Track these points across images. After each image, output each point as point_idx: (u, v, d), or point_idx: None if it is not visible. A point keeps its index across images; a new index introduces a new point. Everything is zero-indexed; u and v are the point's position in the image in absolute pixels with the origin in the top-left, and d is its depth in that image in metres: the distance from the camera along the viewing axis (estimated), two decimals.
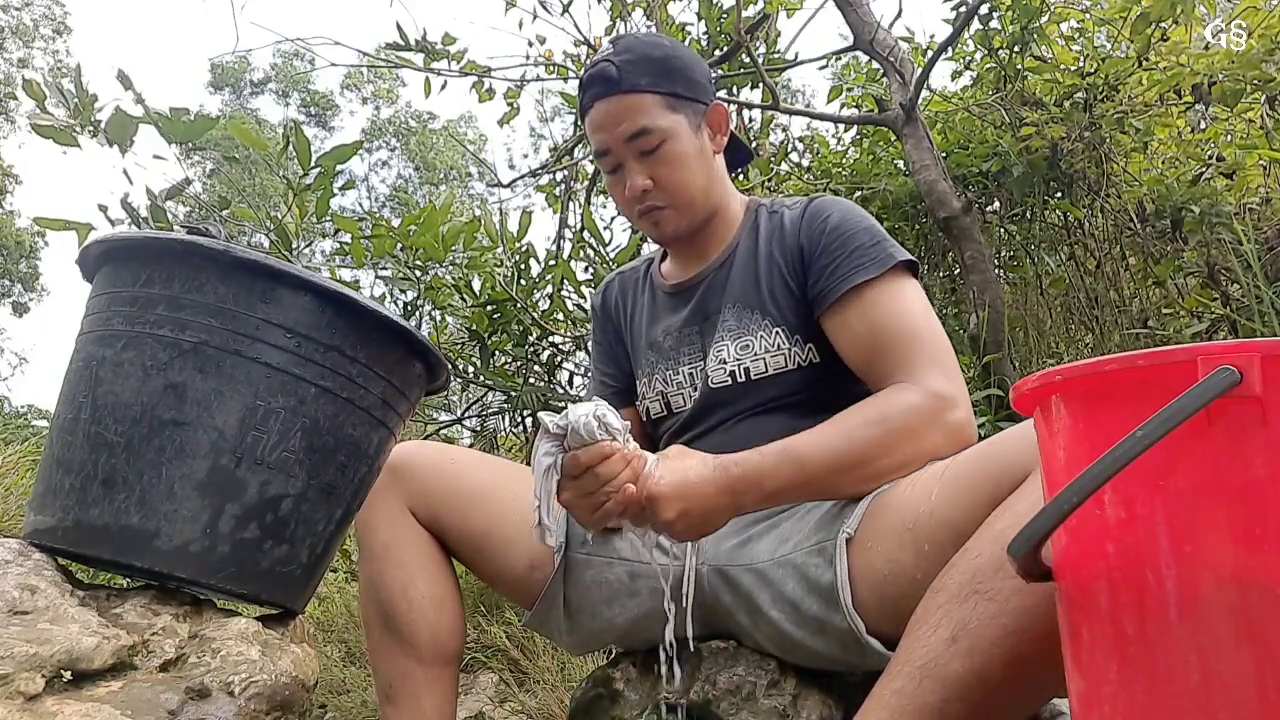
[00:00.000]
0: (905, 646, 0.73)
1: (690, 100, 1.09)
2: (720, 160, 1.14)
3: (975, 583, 0.69)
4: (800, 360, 1.04)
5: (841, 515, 0.93)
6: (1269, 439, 0.42)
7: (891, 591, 0.85)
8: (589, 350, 1.28)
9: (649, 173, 1.07)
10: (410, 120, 20.32)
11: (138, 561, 0.70)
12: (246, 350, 0.73)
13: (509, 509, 1.10)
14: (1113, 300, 2.47)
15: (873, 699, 0.74)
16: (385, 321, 0.79)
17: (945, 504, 0.82)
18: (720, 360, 1.08)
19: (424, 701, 1.08)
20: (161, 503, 0.70)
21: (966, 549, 0.73)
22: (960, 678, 0.68)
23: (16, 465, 2.33)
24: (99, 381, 0.73)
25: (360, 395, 0.79)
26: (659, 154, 1.06)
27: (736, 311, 1.09)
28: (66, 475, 0.72)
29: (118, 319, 0.74)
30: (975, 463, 0.82)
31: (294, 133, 1.71)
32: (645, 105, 1.05)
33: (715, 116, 1.12)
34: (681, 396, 1.13)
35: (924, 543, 0.83)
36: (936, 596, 0.73)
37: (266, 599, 0.77)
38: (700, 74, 1.13)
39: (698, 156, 1.08)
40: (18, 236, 16.51)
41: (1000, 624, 0.66)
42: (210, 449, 0.71)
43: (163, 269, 0.74)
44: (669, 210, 1.09)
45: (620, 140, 1.06)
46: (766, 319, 1.07)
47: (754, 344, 1.06)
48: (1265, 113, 2.28)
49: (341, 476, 0.79)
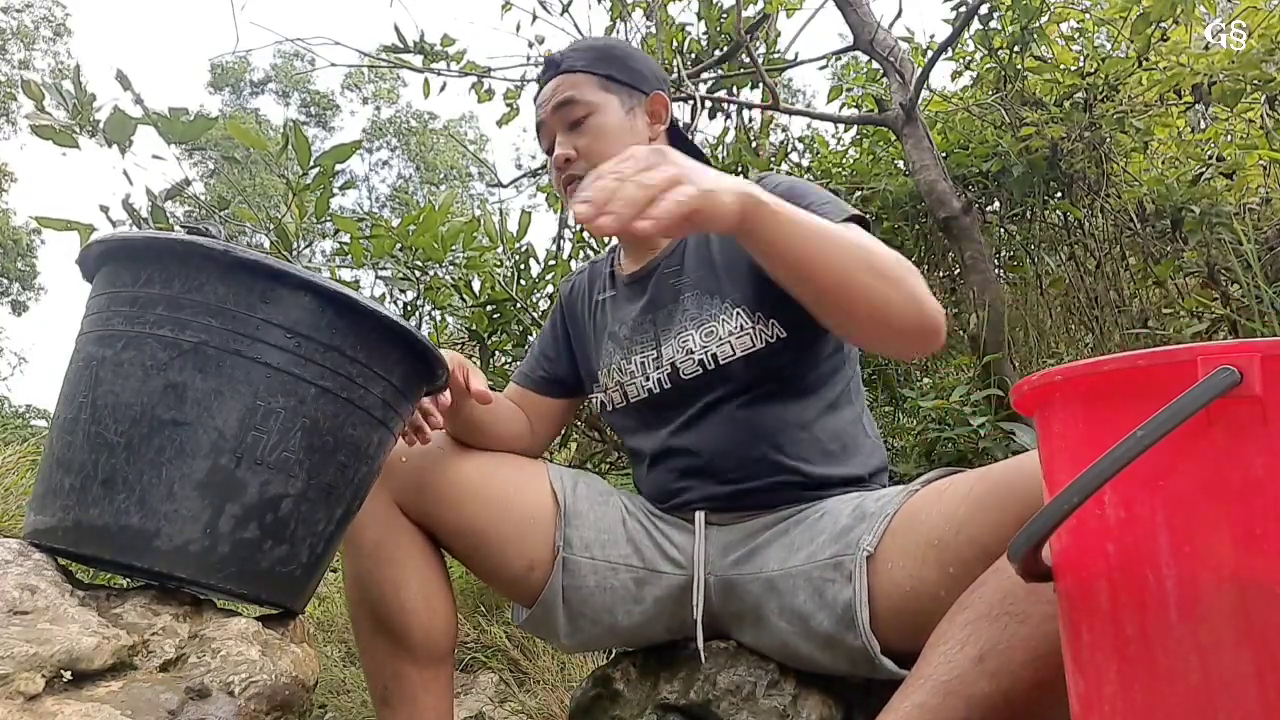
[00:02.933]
0: (929, 660, 0.73)
1: (625, 84, 1.13)
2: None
3: (1007, 604, 0.69)
4: (767, 337, 1.03)
5: (858, 528, 0.92)
6: (1269, 439, 0.42)
7: (912, 608, 0.84)
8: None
9: (573, 143, 1.11)
10: (410, 120, 20.32)
11: (138, 561, 0.69)
12: (246, 350, 0.73)
13: (504, 504, 1.09)
14: (1113, 300, 2.47)
15: (890, 712, 0.73)
16: (385, 322, 0.79)
17: (974, 522, 0.81)
18: (688, 350, 1.07)
19: (421, 703, 1.08)
20: (162, 502, 0.70)
21: (998, 568, 0.72)
22: (987, 697, 0.67)
23: (16, 465, 2.33)
24: (99, 381, 0.73)
25: (360, 395, 0.79)
26: (584, 125, 1.11)
27: (696, 298, 1.09)
28: (66, 475, 0.72)
29: (118, 319, 0.74)
30: (1006, 480, 0.81)
31: (293, 132, 1.71)
32: (577, 81, 1.12)
33: (654, 104, 1.16)
34: (635, 386, 1.12)
35: (950, 561, 0.82)
36: (964, 613, 0.72)
37: (267, 599, 0.77)
38: (643, 66, 1.17)
39: (624, 133, 1.12)
40: (15, 235, 16.51)
41: (1031, 647, 0.66)
42: (210, 449, 0.71)
43: (162, 269, 0.74)
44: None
45: (550, 111, 1.12)
46: (726, 302, 1.06)
47: (718, 329, 1.06)
48: (1265, 113, 2.28)
49: (341, 476, 0.79)
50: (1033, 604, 0.67)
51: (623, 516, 1.11)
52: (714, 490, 1.05)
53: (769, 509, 1.03)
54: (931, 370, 2.62)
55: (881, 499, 0.95)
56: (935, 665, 0.72)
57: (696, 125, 2.84)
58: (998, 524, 0.78)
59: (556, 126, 1.13)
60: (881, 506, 0.93)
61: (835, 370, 1.08)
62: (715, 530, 1.05)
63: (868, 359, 2.69)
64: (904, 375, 2.64)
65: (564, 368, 1.24)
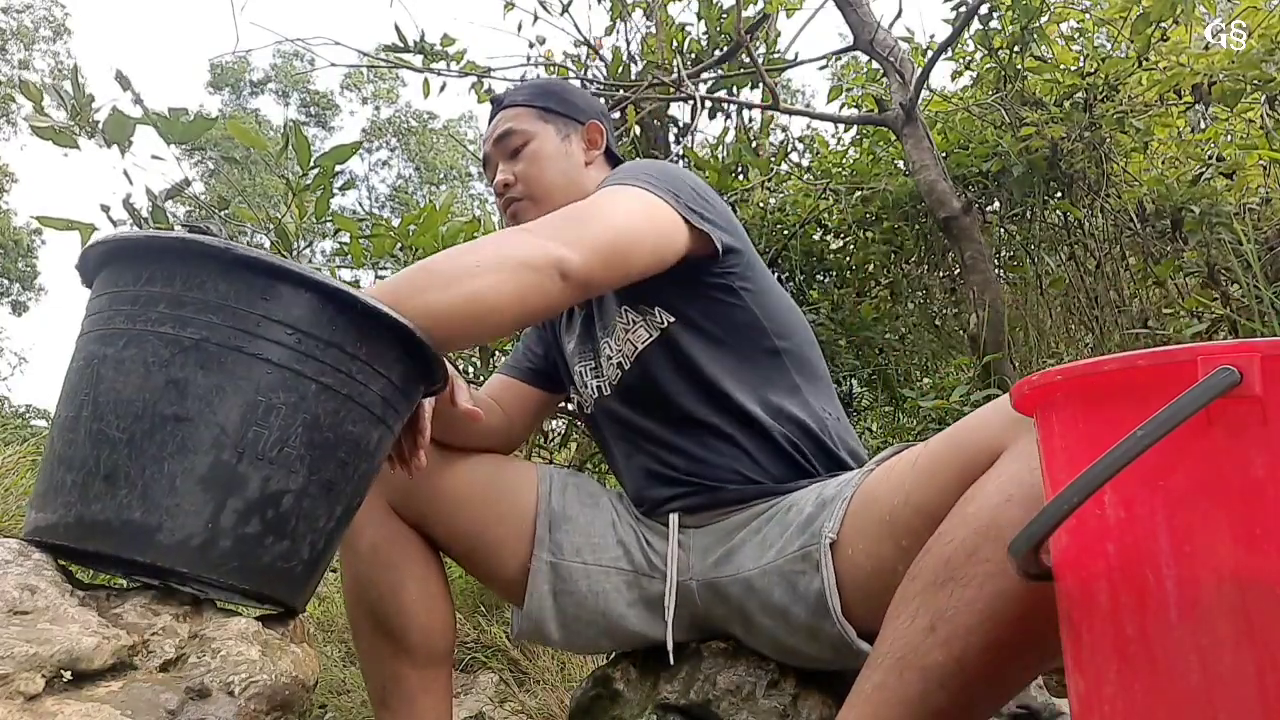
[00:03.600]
0: (884, 638, 0.72)
1: (561, 115, 1.20)
2: (594, 171, 1.20)
3: (950, 569, 0.68)
4: (657, 324, 1.06)
5: (820, 515, 0.92)
6: (1269, 439, 0.42)
7: (876, 587, 0.83)
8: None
9: (512, 169, 1.17)
10: (410, 120, 20.32)
11: (140, 556, 0.69)
12: (247, 347, 0.73)
13: (495, 509, 1.09)
14: (1113, 300, 2.47)
15: (854, 694, 0.73)
16: (385, 319, 0.79)
17: (919, 491, 0.81)
18: (609, 359, 1.11)
19: (420, 703, 1.08)
20: (164, 497, 0.70)
21: (940, 533, 0.71)
22: (941, 666, 0.67)
23: (16, 465, 2.33)
24: (100, 379, 0.73)
25: (360, 392, 0.79)
26: (522, 153, 1.17)
27: (600, 307, 1.14)
28: (68, 472, 0.72)
29: (119, 317, 0.74)
30: (946, 446, 0.80)
31: (293, 133, 1.71)
32: (517, 114, 1.19)
33: (590, 133, 1.22)
34: (584, 395, 1.17)
35: (901, 534, 0.82)
36: (912, 584, 0.71)
37: (268, 595, 0.77)
38: (579, 99, 1.24)
39: (559, 159, 1.17)
40: (15, 235, 16.52)
41: (976, 610, 0.65)
42: (212, 444, 0.71)
43: (164, 267, 0.74)
44: (525, 202, 1.16)
45: (493, 144, 1.19)
46: (614, 303, 1.10)
47: (618, 331, 1.09)
48: (1265, 113, 2.28)
49: (342, 473, 0.79)
50: (975, 565, 0.66)
51: (613, 519, 1.11)
52: (677, 490, 1.06)
53: (739, 504, 1.03)
54: (931, 370, 2.62)
55: (840, 483, 0.95)
56: (890, 641, 0.71)
57: (696, 125, 2.84)
58: (942, 490, 0.76)
59: (498, 157, 1.19)
60: (839, 490, 0.93)
61: (755, 341, 1.07)
62: (692, 533, 1.05)
63: (867, 359, 2.69)
64: (904, 375, 2.64)
65: (548, 362, 1.27)
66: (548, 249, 0.86)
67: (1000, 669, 0.67)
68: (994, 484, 0.69)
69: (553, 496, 1.11)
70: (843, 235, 2.95)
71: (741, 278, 1.06)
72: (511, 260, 0.85)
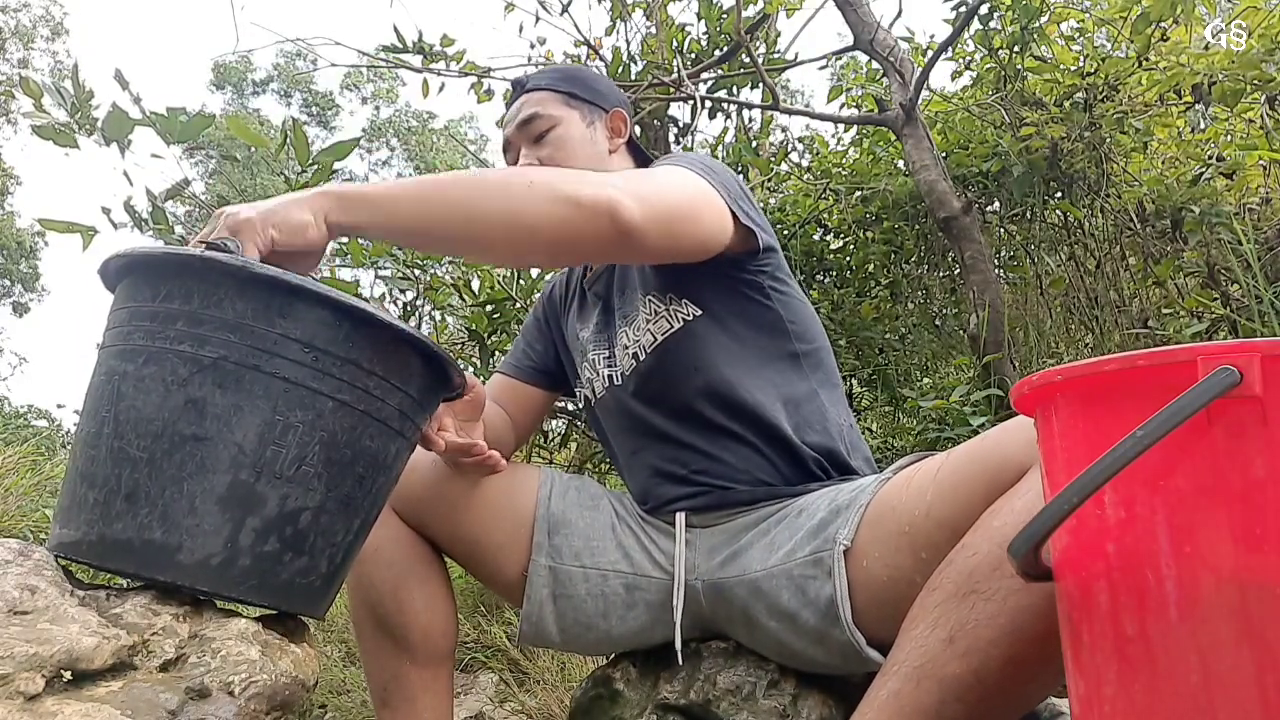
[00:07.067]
0: (901, 646, 0.72)
1: (586, 101, 1.17)
2: (618, 159, 1.19)
3: (973, 582, 0.68)
4: (683, 316, 1.05)
5: (834, 522, 0.91)
6: (1269, 439, 0.42)
7: (891, 598, 0.83)
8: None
9: (536, 154, 1.14)
10: (410, 120, 20.32)
11: (161, 576, 0.70)
12: (265, 365, 0.73)
13: (496, 512, 1.09)
14: (1113, 300, 2.47)
15: (868, 701, 0.73)
16: (402, 334, 0.79)
17: (941, 503, 0.81)
18: (625, 348, 1.10)
19: (420, 703, 1.08)
20: (184, 517, 0.70)
21: (963, 545, 0.71)
22: (959, 678, 0.67)
23: (16, 465, 2.33)
24: (121, 396, 0.73)
25: (377, 407, 0.79)
26: (547, 138, 1.14)
27: (622, 297, 1.12)
28: (90, 489, 0.72)
29: (138, 334, 0.74)
30: (970, 459, 0.80)
31: (292, 130, 1.71)
32: (540, 98, 1.15)
33: (614, 120, 1.20)
34: (594, 386, 1.15)
35: (921, 546, 0.81)
36: (933, 595, 0.71)
37: (287, 609, 0.78)
38: (604, 86, 1.21)
39: (584, 144, 1.15)
40: (18, 237, 16.52)
41: (998, 624, 0.65)
42: (230, 464, 0.71)
43: (181, 284, 0.74)
44: None
45: (516, 128, 1.16)
46: (639, 291, 1.09)
47: (639, 320, 1.08)
48: (1265, 113, 2.28)
49: (359, 488, 0.79)
50: (999, 580, 0.66)
51: (612, 522, 1.10)
52: (686, 489, 1.05)
53: (748, 505, 1.02)
54: (931, 370, 2.63)
55: (855, 489, 0.94)
56: (908, 650, 0.71)
57: (696, 125, 2.84)
58: (965, 504, 0.76)
59: (521, 142, 1.16)
60: (855, 497, 0.92)
61: (777, 343, 1.07)
62: (699, 533, 1.04)
63: (867, 359, 2.69)
64: (904, 375, 2.64)
65: (549, 359, 1.26)
66: (607, 190, 0.83)
67: (1018, 684, 0.67)
68: (1021, 499, 0.69)
69: (552, 500, 1.11)
70: (843, 235, 2.95)
71: (773, 278, 1.06)
72: (565, 188, 0.82)
